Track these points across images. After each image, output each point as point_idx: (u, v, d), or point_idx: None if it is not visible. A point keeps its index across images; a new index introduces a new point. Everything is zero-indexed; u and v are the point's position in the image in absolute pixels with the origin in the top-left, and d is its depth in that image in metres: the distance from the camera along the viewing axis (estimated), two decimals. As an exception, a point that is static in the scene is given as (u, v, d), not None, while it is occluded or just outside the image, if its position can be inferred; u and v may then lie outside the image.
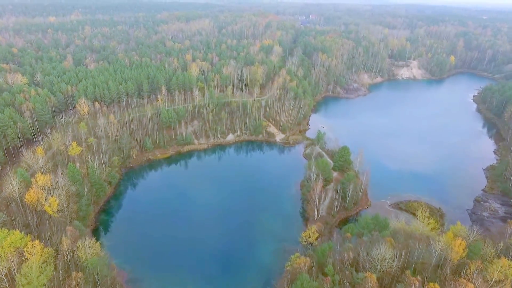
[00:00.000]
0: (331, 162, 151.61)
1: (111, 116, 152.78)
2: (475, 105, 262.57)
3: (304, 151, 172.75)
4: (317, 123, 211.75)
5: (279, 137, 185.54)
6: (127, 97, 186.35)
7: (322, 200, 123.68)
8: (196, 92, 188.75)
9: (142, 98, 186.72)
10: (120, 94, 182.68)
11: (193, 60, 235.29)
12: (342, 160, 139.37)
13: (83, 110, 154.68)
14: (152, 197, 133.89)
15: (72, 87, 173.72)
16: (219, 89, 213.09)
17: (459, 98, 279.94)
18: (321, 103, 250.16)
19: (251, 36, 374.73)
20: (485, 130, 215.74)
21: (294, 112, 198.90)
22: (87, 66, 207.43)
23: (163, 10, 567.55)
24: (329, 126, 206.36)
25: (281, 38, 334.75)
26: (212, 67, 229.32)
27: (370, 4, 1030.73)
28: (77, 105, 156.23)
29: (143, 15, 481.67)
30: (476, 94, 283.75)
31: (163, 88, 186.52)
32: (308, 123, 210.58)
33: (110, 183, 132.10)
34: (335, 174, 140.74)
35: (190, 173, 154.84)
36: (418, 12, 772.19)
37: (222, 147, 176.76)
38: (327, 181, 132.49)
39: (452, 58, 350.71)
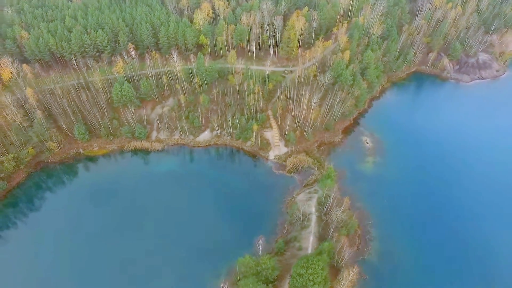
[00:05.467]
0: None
1: (29, 90, 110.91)
2: None
3: (297, 193, 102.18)
4: (368, 128, 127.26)
5: (274, 152, 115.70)
6: (98, 54, 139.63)
7: None
8: (175, 57, 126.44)
9: (111, 56, 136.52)
10: (86, 47, 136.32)
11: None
12: None
13: (7, 75, 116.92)
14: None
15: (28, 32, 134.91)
16: (229, 49, 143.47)
17: None
18: (401, 87, 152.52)
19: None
20: None
21: (323, 109, 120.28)
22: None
23: None
24: (384, 143, 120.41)
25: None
26: (233, 8, 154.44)
27: None
28: (0, 68, 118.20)
29: None
30: None
31: (130, 47, 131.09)
32: (350, 127, 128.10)
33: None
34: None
35: (113, 191, 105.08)
36: None
37: (185, 150, 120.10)
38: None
39: None
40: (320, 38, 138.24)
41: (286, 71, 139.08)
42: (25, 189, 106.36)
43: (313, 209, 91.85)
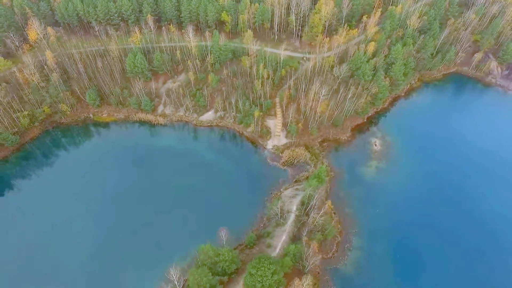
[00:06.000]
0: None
1: (48, 53, 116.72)
2: None
3: (286, 187, 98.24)
4: (382, 129, 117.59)
5: (273, 141, 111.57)
6: (122, 23, 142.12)
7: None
8: (190, 33, 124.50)
9: (133, 25, 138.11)
10: (111, 15, 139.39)
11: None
12: None
13: (33, 36, 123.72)
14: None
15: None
16: (251, 29, 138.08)
17: None
18: (433, 88, 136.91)
19: None
20: None
21: (333, 103, 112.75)
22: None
23: None
24: (394, 149, 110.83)
25: None
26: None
27: None
28: (28, 29, 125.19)
29: None
30: None
31: (149, 18, 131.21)
32: (361, 125, 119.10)
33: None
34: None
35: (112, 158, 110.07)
36: None
37: (187, 128, 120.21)
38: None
39: None
40: (345, 26, 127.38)
41: (304, 58, 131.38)
42: (37, 144, 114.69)
43: (294, 208, 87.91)
